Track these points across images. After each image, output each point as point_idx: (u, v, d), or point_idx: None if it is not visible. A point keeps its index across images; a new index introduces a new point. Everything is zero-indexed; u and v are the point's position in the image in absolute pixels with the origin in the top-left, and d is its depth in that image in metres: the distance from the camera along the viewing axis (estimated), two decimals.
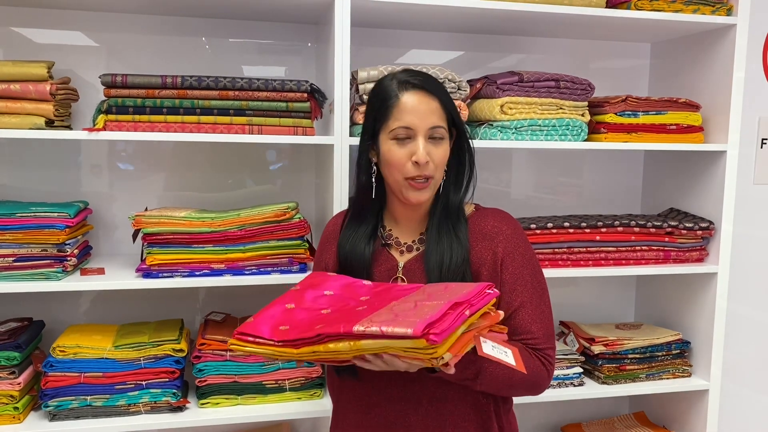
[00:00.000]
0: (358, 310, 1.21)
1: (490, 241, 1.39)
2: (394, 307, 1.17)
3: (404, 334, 1.06)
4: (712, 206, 2.14)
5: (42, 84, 1.69)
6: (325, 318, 1.22)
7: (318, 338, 1.16)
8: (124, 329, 1.90)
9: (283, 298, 1.34)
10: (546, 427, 2.45)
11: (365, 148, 1.42)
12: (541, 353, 1.36)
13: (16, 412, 1.72)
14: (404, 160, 1.34)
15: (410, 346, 1.08)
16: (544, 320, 1.38)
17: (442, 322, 1.08)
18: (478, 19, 2.00)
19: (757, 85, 2.44)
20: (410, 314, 1.11)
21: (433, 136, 1.35)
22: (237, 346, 1.26)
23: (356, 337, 1.11)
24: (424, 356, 1.09)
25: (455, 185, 1.42)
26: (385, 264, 1.43)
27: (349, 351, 1.14)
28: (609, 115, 2.02)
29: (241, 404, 1.87)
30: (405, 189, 1.36)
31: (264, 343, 1.22)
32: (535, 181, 2.40)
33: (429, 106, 1.34)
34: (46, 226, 1.73)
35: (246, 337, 1.25)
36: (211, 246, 1.80)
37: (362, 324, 1.11)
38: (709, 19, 2.02)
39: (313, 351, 1.17)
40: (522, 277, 1.38)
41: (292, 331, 1.21)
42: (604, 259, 2.07)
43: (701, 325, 2.18)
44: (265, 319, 1.27)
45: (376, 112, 1.37)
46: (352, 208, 1.49)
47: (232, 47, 2.10)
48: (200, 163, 2.11)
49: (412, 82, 1.35)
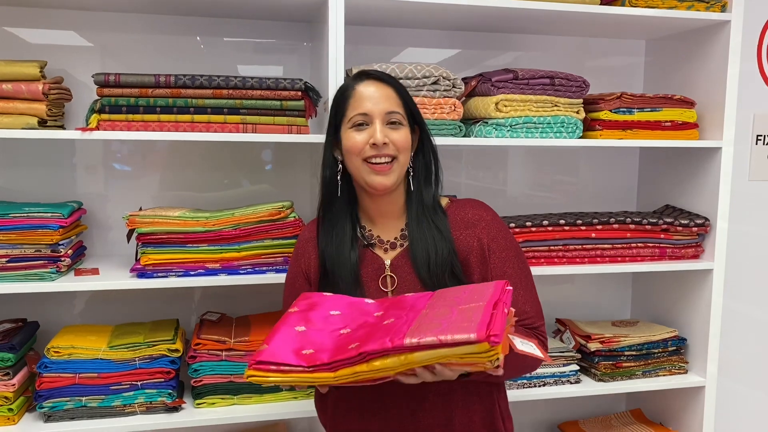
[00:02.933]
0: (387, 324, 1.16)
1: (473, 228, 1.42)
2: (430, 315, 1.13)
3: (467, 339, 1.03)
4: (707, 203, 2.14)
5: (34, 84, 1.68)
6: (351, 337, 1.17)
7: (361, 357, 1.09)
8: (119, 330, 1.89)
9: (287, 321, 1.26)
10: (543, 424, 2.45)
11: (329, 143, 1.45)
12: (537, 331, 1.41)
13: (10, 413, 1.72)
14: (362, 144, 1.37)
15: (470, 351, 1.05)
16: (534, 299, 1.44)
17: (494, 323, 1.06)
18: (473, 16, 2.00)
19: (752, 82, 2.45)
20: (455, 320, 1.09)
21: (391, 121, 1.38)
22: (259, 378, 1.13)
23: (408, 350, 1.06)
24: (483, 359, 1.06)
25: (425, 181, 1.45)
26: (371, 264, 1.43)
27: (399, 366, 1.08)
28: (604, 112, 2.02)
29: (237, 404, 1.86)
30: (366, 174, 1.37)
31: (292, 370, 1.12)
32: (530, 179, 2.40)
33: (384, 93, 1.39)
34: (39, 227, 1.72)
35: (267, 366, 1.13)
36: (205, 245, 1.79)
37: (413, 335, 1.06)
38: (703, 15, 2.02)
39: (354, 372, 1.09)
40: (509, 259, 1.42)
41: (321, 354, 1.13)
42: (600, 257, 2.07)
43: (697, 322, 2.18)
44: (281, 344, 1.17)
45: (336, 108, 1.43)
46: (321, 208, 1.47)
47: (226, 46, 2.09)
48: (194, 162, 2.10)
49: (367, 72, 1.43)
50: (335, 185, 1.44)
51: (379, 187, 1.38)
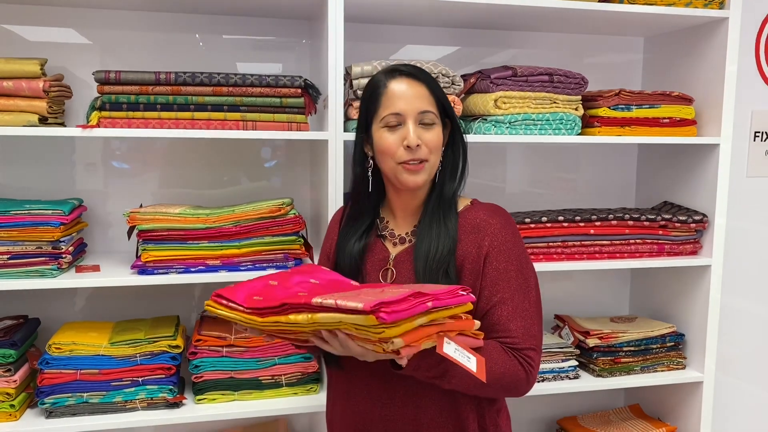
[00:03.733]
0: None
1: (478, 234, 1.38)
2: (362, 292, 1.17)
3: (355, 308, 1.06)
4: (705, 199, 2.15)
5: (35, 81, 1.69)
6: (296, 296, 1.22)
7: (281, 308, 1.18)
8: (120, 326, 1.90)
9: (269, 275, 1.38)
10: (542, 420, 2.46)
11: (359, 141, 1.44)
12: (520, 354, 1.31)
13: (12, 409, 1.72)
14: (396, 146, 1.35)
15: (361, 323, 1.08)
16: (525, 318, 1.33)
17: (397, 305, 1.07)
18: (472, 13, 2.00)
19: (750, 79, 2.45)
20: (371, 295, 1.11)
21: (424, 122, 1.36)
22: (211, 308, 1.30)
23: (314, 309, 1.13)
24: (373, 335, 1.09)
25: (451, 176, 1.43)
26: (377, 255, 1.44)
27: (306, 324, 1.15)
28: (602, 108, 2.03)
29: (237, 400, 1.87)
30: (399, 174, 1.37)
31: (235, 308, 1.26)
32: (529, 176, 2.41)
33: (417, 91, 1.36)
34: (40, 224, 1.72)
35: (221, 299, 1.29)
36: (206, 242, 1.80)
37: (322, 297, 1.13)
38: (701, 12, 2.02)
39: (275, 321, 1.19)
40: (506, 272, 1.35)
41: (263, 302, 1.23)
42: (599, 253, 2.07)
43: (695, 318, 2.19)
44: (244, 287, 1.30)
45: (367, 104, 1.40)
46: (350, 201, 1.50)
47: (225, 43, 2.10)
48: (194, 159, 2.11)
49: (400, 70, 1.39)
50: (366, 182, 1.44)
51: (412, 186, 1.38)
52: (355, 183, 1.46)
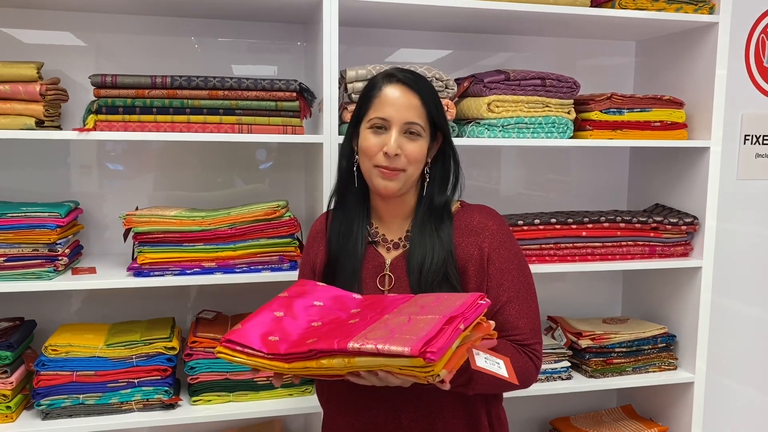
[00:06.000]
0: (350, 324, 1.19)
1: (476, 236, 1.40)
2: (389, 321, 1.15)
3: (401, 352, 1.04)
4: (696, 202, 2.17)
5: (32, 84, 1.69)
6: (316, 331, 1.20)
7: (310, 353, 1.13)
8: (116, 328, 1.91)
9: (271, 304, 1.31)
10: (535, 420, 2.48)
11: (349, 135, 1.45)
12: (528, 348, 1.38)
13: (8, 411, 1.73)
14: (376, 149, 1.36)
15: (407, 364, 1.05)
16: (530, 315, 1.39)
17: (438, 340, 1.05)
18: (466, 18, 2.02)
19: (740, 82, 2.48)
20: (405, 330, 1.09)
21: (410, 131, 1.37)
22: (225, 355, 1.21)
23: (351, 354, 1.08)
24: (420, 374, 1.06)
25: (440, 188, 1.44)
26: (372, 261, 1.44)
27: (342, 368, 1.11)
28: (594, 112, 2.05)
29: (233, 401, 1.88)
30: (374, 176, 1.38)
31: (254, 354, 1.19)
32: (522, 179, 2.43)
33: (409, 100, 1.37)
34: (37, 226, 1.73)
35: (234, 345, 1.21)
36: (201, 245, 1.81)
37: (357, 341, 1.08)
38: (691, 17, 2.05)
39: (304, 366, 1.14)
40: (508, 271, 1.39)
41: (283, 343, 1.18)
42: (591, 255, 2.09)
43: (687, 319, 2.21)
44: (253, 326, 1.23)
45: (361, 101, 1.42)
46: (334, 198, 1.49)
47: (221, 47, 2.11)
48: (190, 162, 2.12)
49: (397, 76, 1.39)
50: (351, 176, 1.44)
51: (383, 191, 1.38)
52: (340, 176, 1.47)
